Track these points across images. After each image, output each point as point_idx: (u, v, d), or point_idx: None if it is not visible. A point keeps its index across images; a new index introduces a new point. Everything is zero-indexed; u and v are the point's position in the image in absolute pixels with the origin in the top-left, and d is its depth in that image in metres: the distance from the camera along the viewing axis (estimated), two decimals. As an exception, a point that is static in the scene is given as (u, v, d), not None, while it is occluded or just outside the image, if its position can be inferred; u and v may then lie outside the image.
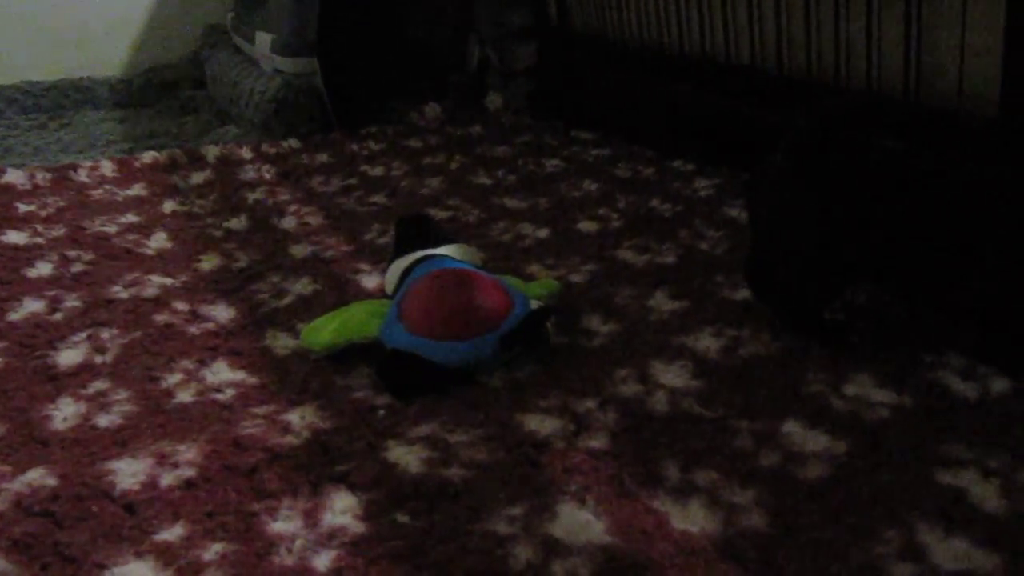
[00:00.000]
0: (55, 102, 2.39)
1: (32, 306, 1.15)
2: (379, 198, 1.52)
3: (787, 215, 0.95)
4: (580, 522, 0.71)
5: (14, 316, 1.13)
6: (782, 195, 0.95)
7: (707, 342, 0.97)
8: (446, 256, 1.06)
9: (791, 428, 0.82)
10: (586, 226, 1.34)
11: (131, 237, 1.38)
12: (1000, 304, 0.88)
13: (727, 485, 0.74)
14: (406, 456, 0.80)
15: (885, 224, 0.89)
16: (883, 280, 0.96)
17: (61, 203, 1.55)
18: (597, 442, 0.81)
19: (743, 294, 1.08)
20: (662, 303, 1.08)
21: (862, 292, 1.04)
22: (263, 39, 2.03)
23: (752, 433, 0.81)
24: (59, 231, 1.41)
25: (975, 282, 0.87)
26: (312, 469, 0.79)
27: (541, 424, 0.84)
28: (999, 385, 0.86)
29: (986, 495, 0.72)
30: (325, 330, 0.98)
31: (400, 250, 1.09)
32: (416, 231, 1.12)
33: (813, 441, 0.80)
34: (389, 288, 1.06)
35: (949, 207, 0.87)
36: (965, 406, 0.84)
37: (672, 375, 0.91)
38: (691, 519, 0.71)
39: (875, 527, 0.69)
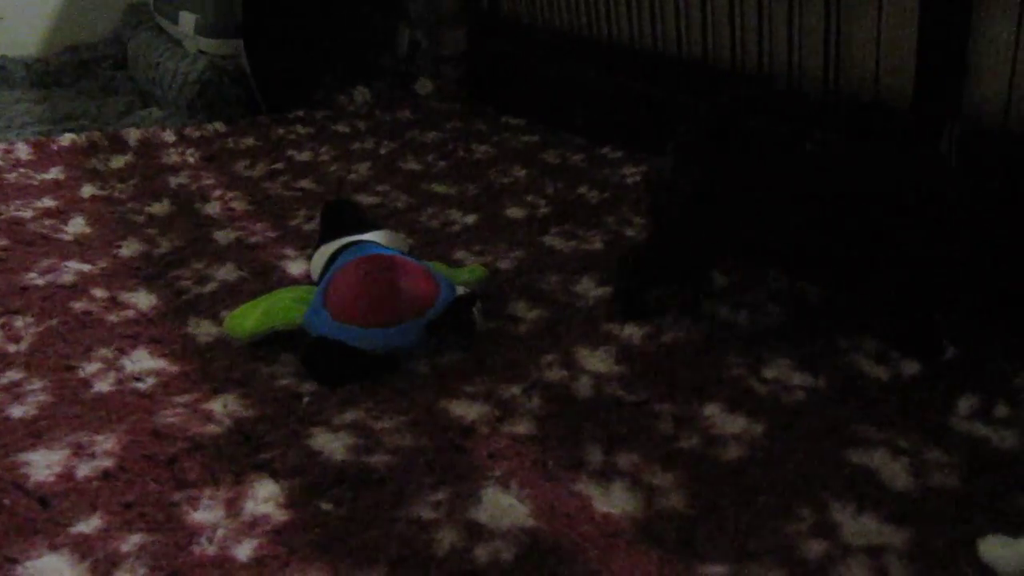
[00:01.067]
0: (-33, 82, 2.29)
1: (-59, 293, 1.11)
2: (306, 183, 1.50)
3: (678, 203, 0.96)
4: (504, 506, 0.71)
5: (-78, 304, 1.09)
6: (674, 184, 0.96)
7: (631, 329, 0.98)
8: (373, 242, 1.05)
9: (712, 411, 0.83)
10: (514, 212, 1.35)
11: (48, 222, 1.34)
12: (906, 292, 0.91)
13: (648, 468, 0.76)
14: (330, 443, 0.79)
15: (789, 211, 0.92)
16: (793, 266, 0.99)
17: (-27, 187, 1.49)
18: (522, 427, 0.82)
19: (668, 280, 1.10)
20: (588, 289, 1.09)
21: (777, 277, 1.07)
22: (187, 19, 1.98)
23: (674, 416, 0.83)
24: (-29, 216, 1.36)
25: (881, 270, 0.90)
26: (234, 458, 0.78)
27: (467, 410, 0.84)
28: (910, 368, 0.89)
29: (896, 473, 0.74)
30: (249, 317, 0.97)
31: (326, 236, 1.08)
32: (343, 216, 1.11)
33: (732, 423, 0.82)
34: (315, 274, 1.05)
35: (854, 197, 0.89)
36: (878, 388, 0.87)
37: (597, 360, 0.92)
38: (613, 502, 0.72)
39: (790, 506, 0.71)
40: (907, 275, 0.89)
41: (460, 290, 0.98)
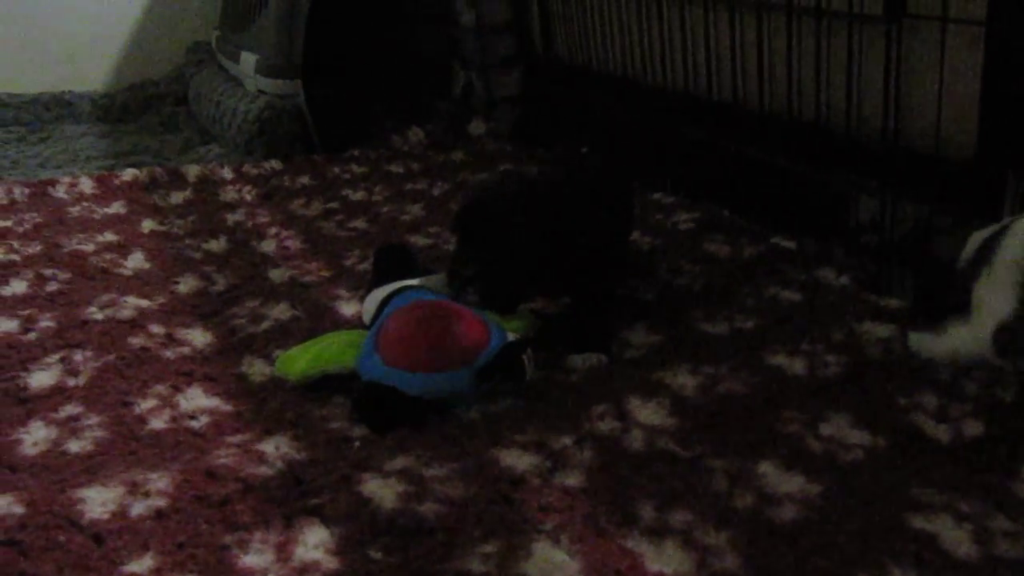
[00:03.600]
0: (36, 115, 2.37)
1: (5, 325, 1.14)
2: (360, 223, 1.52)
3: None
4: (555, 561, 0.70)
5: (-14, 335, 1.12)
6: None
7: (684, 379, 0.97)
8: (423, 287, 1.05)
9: (767, 469, 0.82)
10: (566, 257, 1.34)
11: (108, 256, 1.37)
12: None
13: (702, 526, 0.74)
14: (381, 490, 0.79)
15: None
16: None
17: (38, 219, 1.53)
18: (573, 479, 0.81)
19: (721, 329, 1.09)
20: (640, 338, 1.08)
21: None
22: (248, 59, 2.03)
23: (727, 473, 0.81)
24: (35, 248, 1.40)
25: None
26: (285, 501, 0.78)
27: (517, 460, 0.84)
28: (972, 428, 0.87)
29: (958, 541, 0.72)
30: (300, 359, 0.97)
31: (378, 280, 1.08)
32: (395, 261, 1.12)
33: (788, 482, 0.80)
34: (367, 318, 1.05)
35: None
36: (938, 449, 0.84)
37: (649, 412, 0.91)
38: (665, 560, 0.71)
39: (848, 571, 0.69)
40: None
41: (510, 336, 0.98)
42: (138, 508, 0.78)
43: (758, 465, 0.82)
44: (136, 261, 1.36)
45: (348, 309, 1.17)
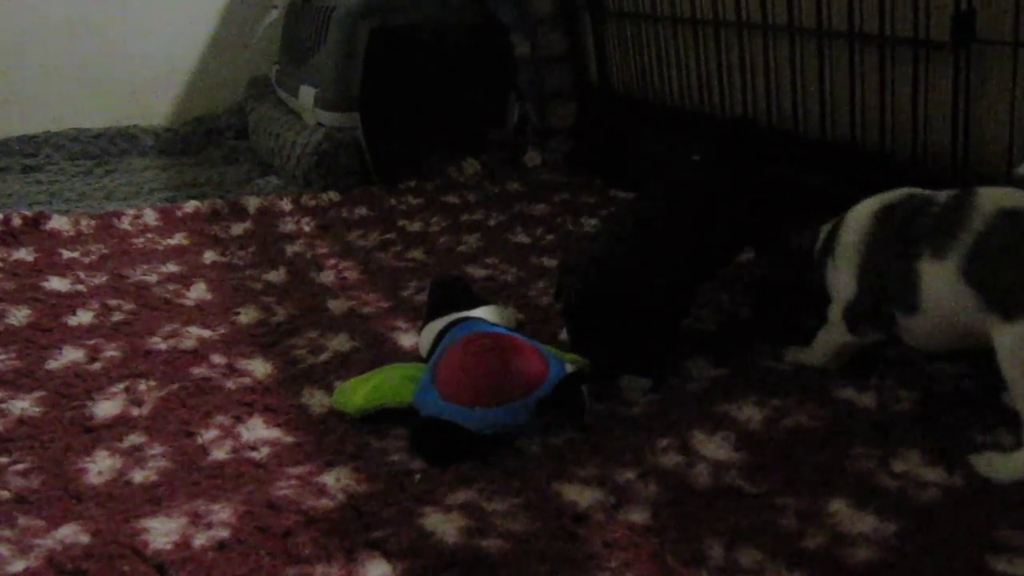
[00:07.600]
0: (102, 149, 2.43)
1: (72, 355, 1.16)
2: (417, 254, 1.52)
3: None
4: (620, 601, 0.69)
5: (53, 364, 1.14)
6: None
7: (750, 412, 0.95)
8: (480, 319, 1.05)
9: (838, 507, 0.79)
10: (625, 288, 1.33)
11: (171, 287, 1.39)
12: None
13: (772, 566, 0.72)
14: (443, 524, 0.78)
15: None
16: None
17: (104, 250, 1.56)
18: (638, 516, 0.79)
19: (787, 362, 1.06)
20: (703, 370, 1.06)
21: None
22: (307, 93, 2.06)
23: (797, 511, 0.79)
24: (101, 279, 1.42)
25: None
26: (347, 534, 0.78)
27: (580, 495, 0.82)
28: (1055, 468, 0.83)
29: (1044, 586, 0.69)
30: (357, 393, 0.97)
31: (434, 312, 1.08)
32: (450, 292, 1.11)
33: (861, 522, 0.77)
34: (423, 351, 1.05)
35: None
36: (1019, 488, 0.81)
37: (714, 446, 0.89)
38: (735, 601, 0.69)
39: (928, 617, 0.66)
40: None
41: (568, 367, 0.97)
42: (201, 539, 0.78)
43: (829, 503, 0.80)
44: (198, 292, 1.37)
45: (406, 340, 1.17)
